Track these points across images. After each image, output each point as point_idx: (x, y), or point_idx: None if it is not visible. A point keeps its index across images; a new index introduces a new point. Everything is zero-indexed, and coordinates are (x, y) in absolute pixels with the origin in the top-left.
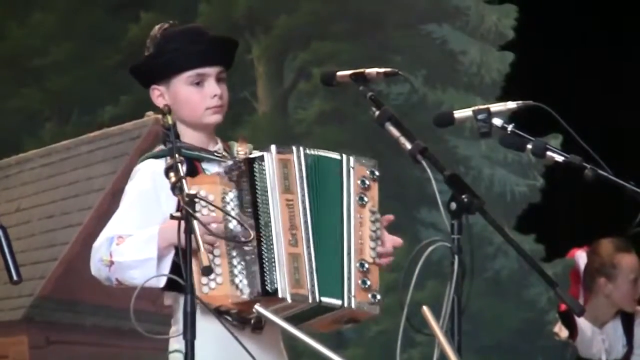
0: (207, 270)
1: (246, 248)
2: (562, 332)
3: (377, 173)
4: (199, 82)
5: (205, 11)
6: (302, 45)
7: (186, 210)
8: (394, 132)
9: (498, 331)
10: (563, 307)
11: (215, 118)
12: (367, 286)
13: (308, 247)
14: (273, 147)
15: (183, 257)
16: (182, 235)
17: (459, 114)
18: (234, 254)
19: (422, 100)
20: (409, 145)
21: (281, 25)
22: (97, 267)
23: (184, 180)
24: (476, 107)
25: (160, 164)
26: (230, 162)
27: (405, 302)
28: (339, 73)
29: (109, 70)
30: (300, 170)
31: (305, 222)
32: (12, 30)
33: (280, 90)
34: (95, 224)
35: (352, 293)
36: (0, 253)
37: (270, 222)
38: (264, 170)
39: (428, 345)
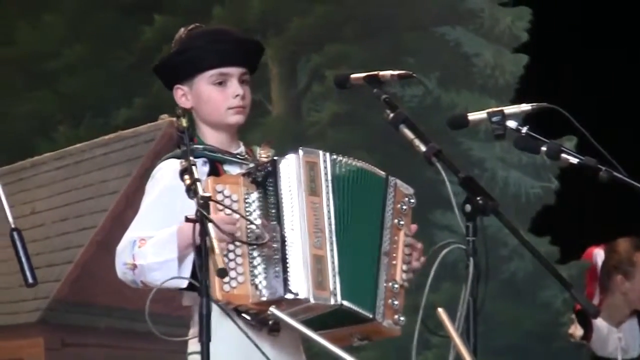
0: (221, 273)
1: (269, 249)
2: (577, 331)
3: (413, 201)
4: (221, 82)
5: (218, 14)
6: (315, 48)
7: (201, 212)
8: (408, 134)
9: (513, 333)
10: (579, 306)
11: (237, 118)
12: (396, 307)
13: (332, 250)
14: (300, 150)
15: (198, 259)
16: (198, 238)
17: (473, 116)
18: (255, 254)
19: (436, 102)
20: (423, 148)
21: (294, 28)
22: (122, 271)
23: (198, 183)
24: (490, 110)
25: (180, 164)
26: (251, 165)
27: (420, 304)
28: (353, 75)
29: (122, 72)
30: (327, 174)
31: (330, 225)
32: (24, 33)
33: (294, 93)
34: (110, 226)
35: (382, 310)
36: (16, 256)
37: (295, 223)
38: (291, 171)
39: (443, 347)
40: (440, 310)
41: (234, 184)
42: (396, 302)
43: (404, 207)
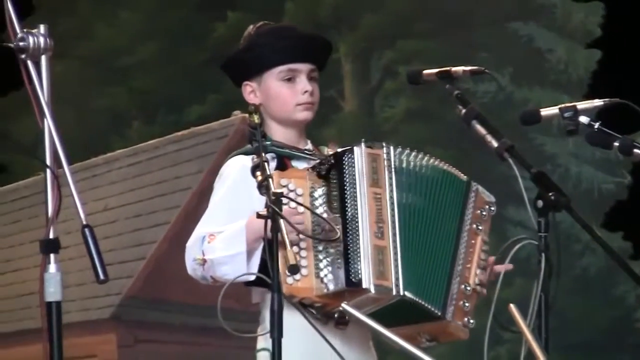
0: (293, 269)
1: (333, 241)
2: None
3: (494, 209)
4: (290, 78)
5: (291, 10)
6: (387, 44)
7: (273, 209)
8: (480, 130)
9: (585, 329)
10: None
11: (305, 115)
12: (467, 309)
13: (394, 241)
14: (362, 142)
15: (270, 255)
16: (270, 233)
17: (545, 111)
18: (320, 247)
19: (508, 98)
20: (495, 143)
21: (367, 24)
22: (192, 267)
23: (270, 180)
24: (563, 105)
25: (250, 160)
26: (317, 161)
27: (492, 300)
28: (425, 71)
29: (195, 69)
30: (390, 166)
31: (393, 217)
32: (100, 30)
33: (367, 89)
34: (183, 222)
35: (452, 310)
36: (87, 252)
37: (357, 213)
38: (353, 162)
39: (515, 342)
40: (512, 306)
41: (299, 178)
42: (467, 305)
43: (484, 213)
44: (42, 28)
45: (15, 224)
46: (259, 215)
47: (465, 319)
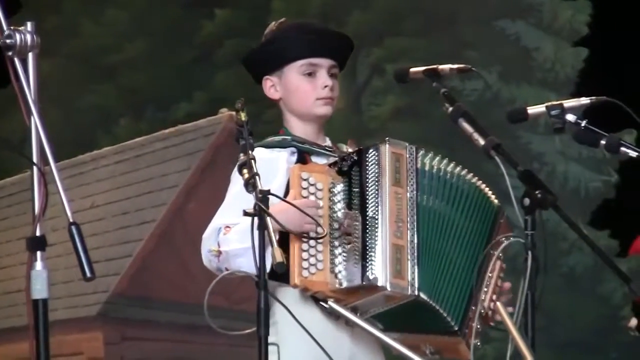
0: (280, 267)
1: (351, 237)
2: (633, 321)
3: (511, 239)
4: (311, 73)
5: (279, 8)
6: (375, 42)
7: (259, 206)
8: (467, 128)
9: (572, 327)
10: (638, 299)
11: (325, 110)
12: (478, 331)
13: (412, 242)
14: (387, 140)
15: (255, 253)
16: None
17: (532, 109)
18: (337, 243)
19: (496, 96)
20: (482, 141)
21: (355, 22)
22: (207, 258)
23: (257, 177)
24: (550, 103)
25: (269, 153)
26: (340, 156)
27: (479, 298)
28: (412, 69)
29: (182, 66)
30: (413, 167)
31: (412, 217)
32: (86, 27)
33: (354, 87)
34: (170, 220)
35: (467, 327)
36: (74, 250)
37: (377, 211)
38: (377, 160)
39: (502, 340)
40: (498, 304)
41: (320, 173)
42: (479, 327)
43: (505, 241)
44: (29, 25)
45: (2, 221)
46: (245, 213)
47: (477, 341)
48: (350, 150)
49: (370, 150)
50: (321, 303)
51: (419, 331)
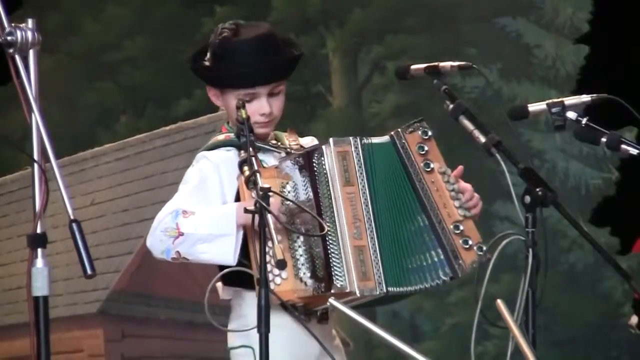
0: (281, 264)
1: (309, 241)
2: (633, 319)
3: (429, 132)
4: (249, 99)
5: (278, 5)
6: (376, 39)
7: (260, 204)
8: (468, 125)
9: (573, 324)
10: (638, 296)
11: (262, 130)
12: (469, 245)
13: (372, 237)
14: (331, 140)
15: (258, 251)
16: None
17: (533, 107)
18: (297, 247)
19: (496, 93)
20: (483, 139)
21: (355, 19)
22: (158, 238)
23: (258, 174)
24: (551, 101)
25: (227, 154)
26: (285, 155)
27: (479, 295)
28: (413, 66)
29: (183, 64)
30: (359, 161)
31: (368, 212)
32: (87, 25)
33: (355, 84)
34: None
35: (460, 260)
36: (75, 247)
37: (334, 216)
38: (324, 164)
39: (502, 338)
40: (499, 301)
41: (268, 178)
42: (469, 240)
43: (424, 146)
44: (30, 22)
45: (3, 218)
46: (246, 210)
47: (475, 250)
48: (292, 140)
49: (316, 155)
50: (291, 308)
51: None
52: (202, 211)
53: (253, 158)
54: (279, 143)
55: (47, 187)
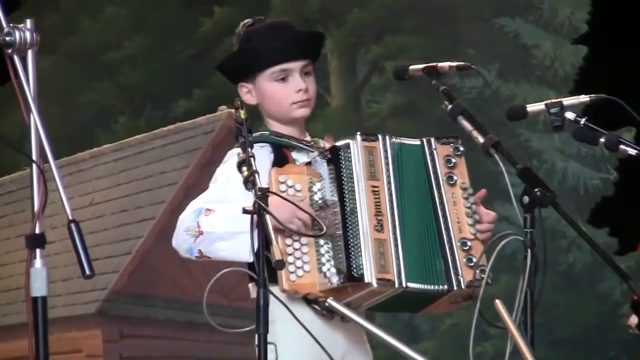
0: (279, 264)
1: (333, 235)
2: (632, 319)
3: (461, 148)
4: (283, 78)
5: (277, 5)
6: (374, 39)
7: (259, 204)
8: (467, 125)
9: (571, 324)
10: (636, 297)
11: (301, 112)
12: (472, 263)
13: (394, 232)
14: (359, 135)
15: (258, 251)
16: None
17: (531, 107)
18: (322, 242)
19: (495, 93)
20: (481, 139)
21: (354, 20)
22: (181, 237)
23: (256, 175)
24: (549, 101)
25: (260, 150)
26: (316, 153)
27: (478, 296)
28: (412, 67)
29: (181, 64)
30: (386, 157)
31: (392, 207)
32: (86, 25)
33: (353, 84)
34: (169, 218)
35: (460, 274)
36: (73, 247)
37: (356, 208)
38: (350, 157)
39: (501, 338)
40: (497, 301)
41: (297, 174)
42: (473, 259)
43: (452, 159)
44: (28, 23)
45: (1, 218)
46: (244, 211)
47: (477, 271)
48: (327, 146)
49: (342, 148)
50: (313, 305)
51: (418, 309)
52: (222, 209)
53: (251, 159)
54: (313, 142)
55: (46, 188)
